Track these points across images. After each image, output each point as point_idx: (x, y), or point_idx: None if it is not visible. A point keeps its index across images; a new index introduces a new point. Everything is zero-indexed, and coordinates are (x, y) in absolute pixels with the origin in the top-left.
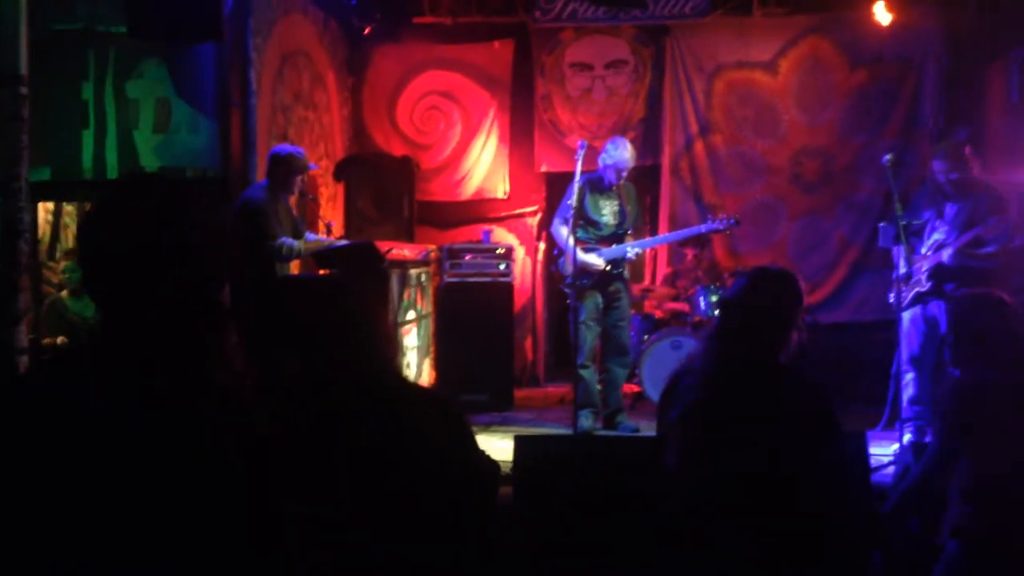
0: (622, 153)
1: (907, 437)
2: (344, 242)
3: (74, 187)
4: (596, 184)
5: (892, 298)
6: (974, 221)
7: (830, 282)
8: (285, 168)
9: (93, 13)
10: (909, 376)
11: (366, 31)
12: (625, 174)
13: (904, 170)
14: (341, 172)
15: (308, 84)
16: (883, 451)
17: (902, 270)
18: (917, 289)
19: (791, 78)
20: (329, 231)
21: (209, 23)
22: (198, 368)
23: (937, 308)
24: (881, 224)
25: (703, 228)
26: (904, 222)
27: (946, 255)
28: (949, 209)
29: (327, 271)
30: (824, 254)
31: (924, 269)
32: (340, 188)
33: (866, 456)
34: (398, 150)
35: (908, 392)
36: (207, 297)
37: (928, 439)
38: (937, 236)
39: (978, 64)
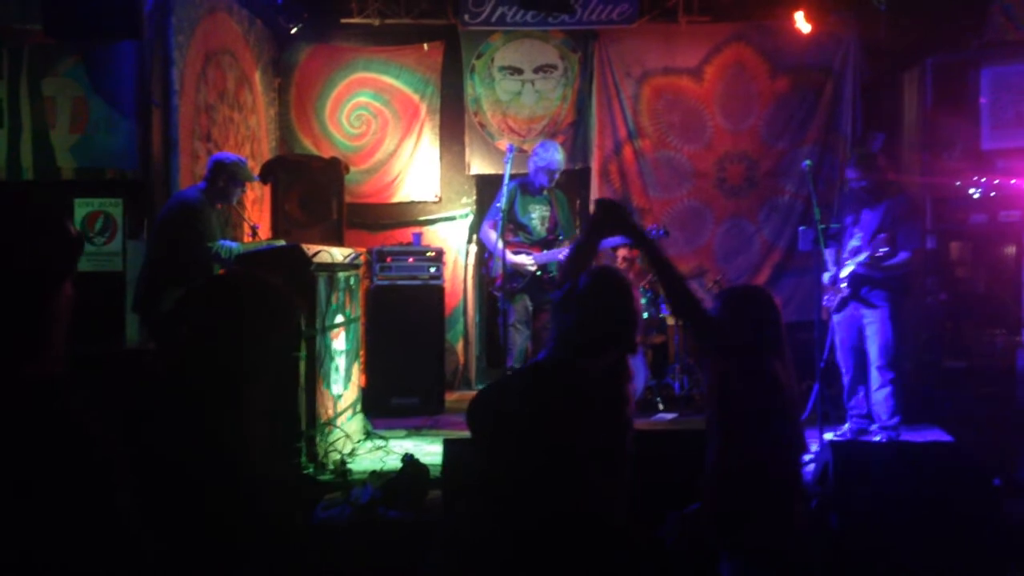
0: (552, 155)
1: (846, 426)
2: (267, 244)
3: None
4: (526, 188)
5: (826, 301)
6: (885, 228)
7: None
8: (228, 176)
9: (7, 9)
10: (845, 376)
11: (293, 31)
12: (557, 176)
13: (823, 175)
14: (268, 174)
15: (233, 84)
16: None
17: (830, 275)
18: (840, 295)
19: (716, 84)
20: (255, 234)
21: (128, 21)
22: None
23: (855, 310)
24: (801, 228)
25: None
26: (823, 226)
27: (858, 263)
28: (865, 215)
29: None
30: (749, 257)
31: (844, 276)
32: (267, 190)
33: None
34: (327, 152)
35: (846, 390)
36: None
37: (866, 436)
38: (854, 243)
39: (894, 72)
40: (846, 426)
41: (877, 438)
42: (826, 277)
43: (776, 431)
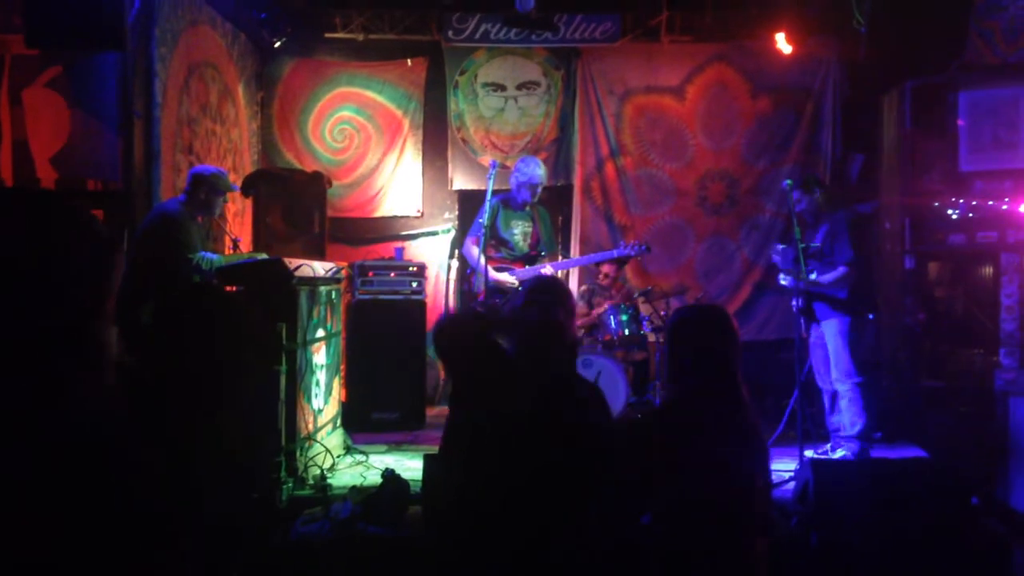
0: (534, 170)
1: (828, 445)
2: (250, 258)
3: None
4: (509, 203)
5: (802, 328)
6: (823, 248)
7: (735, 302)
8: (208, 188)
9: None
10: (824, 396)
11: (276, 45)
12: (539, 191)
13: None
14: (250, 187)
15: (216, 97)
16: (784, 467)
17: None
18: (802, 318)
19: (698, 103)
20: (236, 247)
21: (111, 32)
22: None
23: (816, 329)
24: (781, 246)
25: (615, 253)
26: (803, 245)
27: (799, 284)
28: (815, 239)
29: (233, 288)
30: (729, 274)
31: (795, 301)
32: (248, 203)
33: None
34: (309, 165)
35: (826, 409)
36: (67, 327)
37: (847, 456)
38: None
39: (874, 94)
40: (828, 446)
41: (840, 452)
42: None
43: (723, 480)
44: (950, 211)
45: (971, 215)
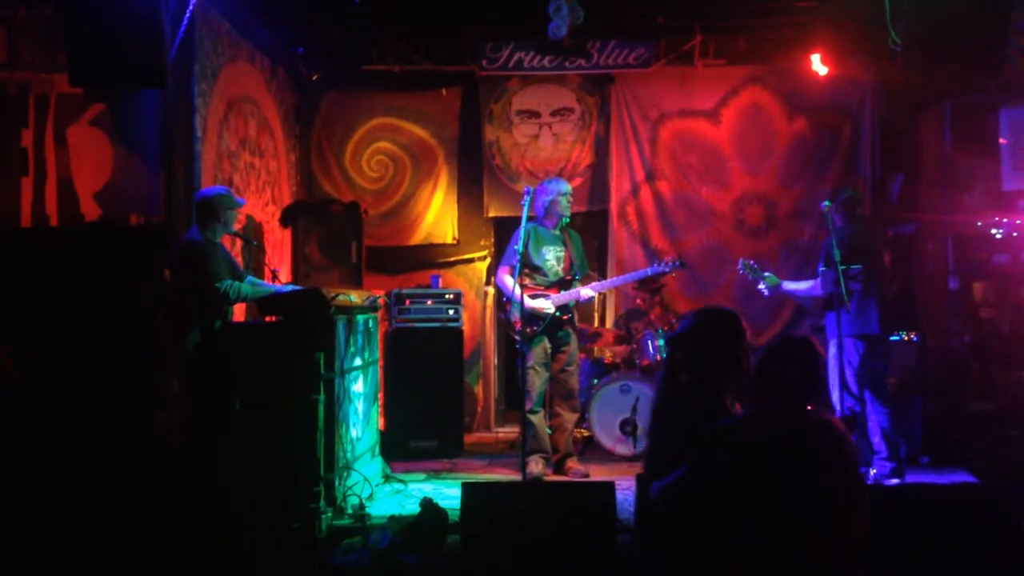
0: (558, 185)
1: (873, 470)
2: (290, 288)
3: (13, 235)
4: (541, 229)
5: None
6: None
7: (775, 325)
8: (210, 209)
9: (34, 59)
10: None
11: (314, 78)
12: (570, 200)
13: None
14: (288, 218)
15: (255, 130)
16: None
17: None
18: None
19: (733, 126)
20: (275, 277)
21: (152, 70)
22: None
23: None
24: (821, 268)
25: (650, 271)
26: (843, 267)
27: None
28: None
29: (272, 317)
30: (769, 298)
31: None
32: (287, 234)
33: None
34: (346, 196)
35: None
36: None
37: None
38: None
39: (912, 114)
40: (873, 471)
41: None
42: None
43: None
44: (994, 230)
45: (1015, 234)
